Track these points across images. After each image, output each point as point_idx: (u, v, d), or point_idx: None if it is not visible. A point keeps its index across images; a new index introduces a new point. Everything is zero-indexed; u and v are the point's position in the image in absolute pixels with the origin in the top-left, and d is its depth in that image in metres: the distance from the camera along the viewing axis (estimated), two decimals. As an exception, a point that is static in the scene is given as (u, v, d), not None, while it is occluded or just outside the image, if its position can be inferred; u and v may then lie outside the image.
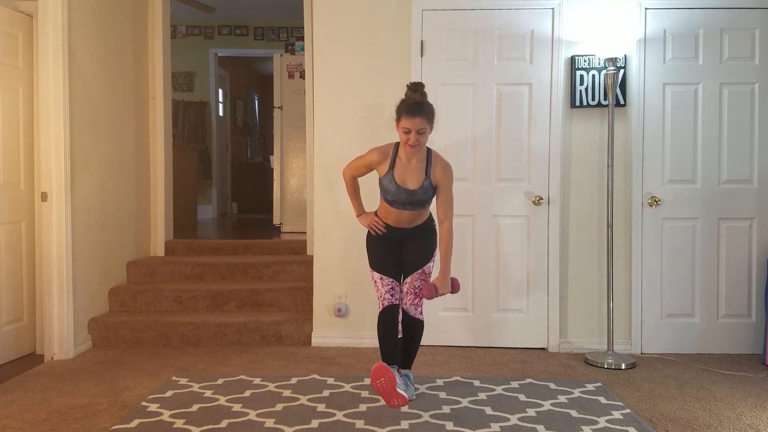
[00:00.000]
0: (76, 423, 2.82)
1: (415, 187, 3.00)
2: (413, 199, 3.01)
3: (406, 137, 2.93)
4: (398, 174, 3.01)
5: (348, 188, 3.24)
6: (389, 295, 3.07)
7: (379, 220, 3.15)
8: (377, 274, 3.12)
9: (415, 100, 2.93)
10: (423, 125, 2.91)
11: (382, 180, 3.04)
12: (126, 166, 4.73)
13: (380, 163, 3.05)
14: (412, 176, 3.01)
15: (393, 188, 3.01)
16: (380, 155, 3.05)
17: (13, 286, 3.86)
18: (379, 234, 3.15)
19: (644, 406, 3.09)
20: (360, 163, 3.14)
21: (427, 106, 2.95)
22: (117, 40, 4.57)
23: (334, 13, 4.12)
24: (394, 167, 3.02)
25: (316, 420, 2.83)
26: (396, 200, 3.02)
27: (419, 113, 2.89)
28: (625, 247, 4.05)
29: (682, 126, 4.03)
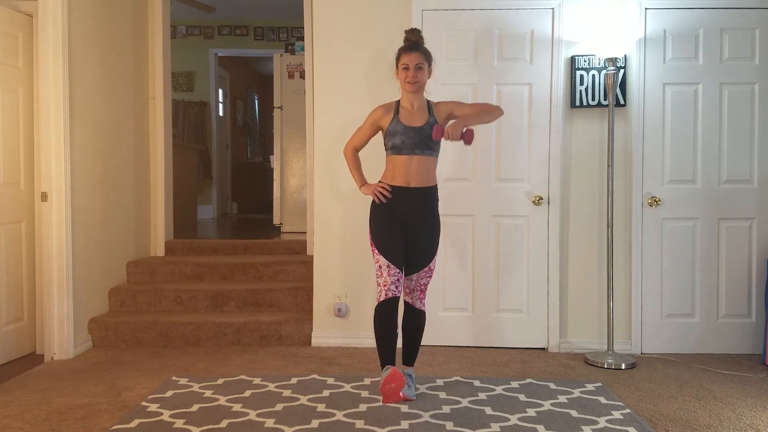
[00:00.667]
0: (76, 423, 2.82)
1: (421, 123, 3.05)
2: (421, 135, 3.03)
3: (405, 74, 3.05)
4: (403, 118, 3.08)
5: (349, 164, 3.24)
6: (394, 287, 3.01)
7: (384, 184, 3.11)
8: (384, 260, 3.02)
9: (411, 38, 3.14)
10: (420, 60, 3.05)
11: (389, 127, 3.07)
12: (126, 166, 4.73)
13: (384, 115, 3.12)
14: (416, 117, 3.08)
15: (400, 128, 3.04)
16: (383, 109, 3.15)
17: (13, 286, 3.86)
18: (384, 200, 3.07)
19: (644, 406, 3.09)
20: (363, 126, 3.20)
21: (424, 47, 3.14)
22: (117, 40, 4.57)
23: (334, 13, 4.12)
24: (398, 114, 3.10)
25: (316, 420, 2.83)
26: (405, 140, 3.03)
27: (417, 49, 3.08)
28: (625, 247, 4.05)
29: (682, 126, 4.03)
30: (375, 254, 3.08)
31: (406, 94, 3.11)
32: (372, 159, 3.47)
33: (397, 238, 3.05)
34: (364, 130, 3.20)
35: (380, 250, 3.05)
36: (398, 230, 3.07)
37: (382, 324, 3.03)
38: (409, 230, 3.08)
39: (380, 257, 3.04)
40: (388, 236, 3.05)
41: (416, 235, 3.09)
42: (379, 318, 3.04)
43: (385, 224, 3.08)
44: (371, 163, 3.44)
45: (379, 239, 3.07)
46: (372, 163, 3.45)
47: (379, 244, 3.06)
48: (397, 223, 3.07)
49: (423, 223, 3.10)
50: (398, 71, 3.11)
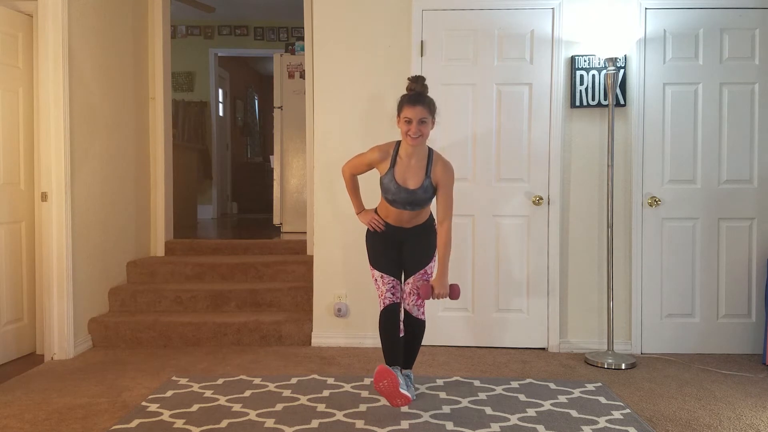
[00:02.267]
0: (76, 423, 2.82)
1: (415, 186, 3.00)
2: (413, 198, 3.01)
3: (407, 128, 2.92)
4: (399, 173, 3.01)
5: (347, 186, 3.23)
6: (390, 294, 3.06)
7: (379, 218, 3.15)
8: (377, 272, 3.11)
9: (415, 90, 2.97)
10: (424, 114, 2.91)
11: (383, 179, 3.04)
12: (126, 166, 4.73)
13: (381, 161, 3.04)
14: (412, 175, 3.00)
15: (393, 187, 3.00)
16: (381, 154, 3.04)
17: (13, 286, 3.86)
18: (379, 231, 3.15)
19: (644, 406, 3.09)
20: (360, 161, 3.14)
21: (428, 98, 2.97)
22: (117, 40, 4.57)
23: (334, 13, 4.12)
24: (394, 166, 3.02)
25: (316, 420, 2.83)
26: (396, 199, 3.02)
27: (420, 102, 2.92)
28: (625, 247, 4.05)
29: (682, 126, 4.03)
30: (371, 270, 3.16)
31: (407, 145, 3.00)
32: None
33: (390, 254, 3.13)
34: (361, 164, 3.14)
35: (373, 264, 3.14)
36: (392, 249, 3.14)
37: (385, 329, 3.07)
38: (403, 247, 3.15)
39: (374, 271, 3.14)
40: (382, 253, 3.13)
41: (411, 248, 3.14)
42: (381, 325, 3.08)
43: (379, 247, 3.15)
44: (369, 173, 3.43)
45: (373, 255, 3.16)
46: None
47: (373, 260, 3.16)
48: (391, 246, 3.15)
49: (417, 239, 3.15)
50: (400, 120, 2.96)
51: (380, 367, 2.83)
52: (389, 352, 3.05)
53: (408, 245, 3.14)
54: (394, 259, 3.13)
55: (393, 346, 3.04)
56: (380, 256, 3.12)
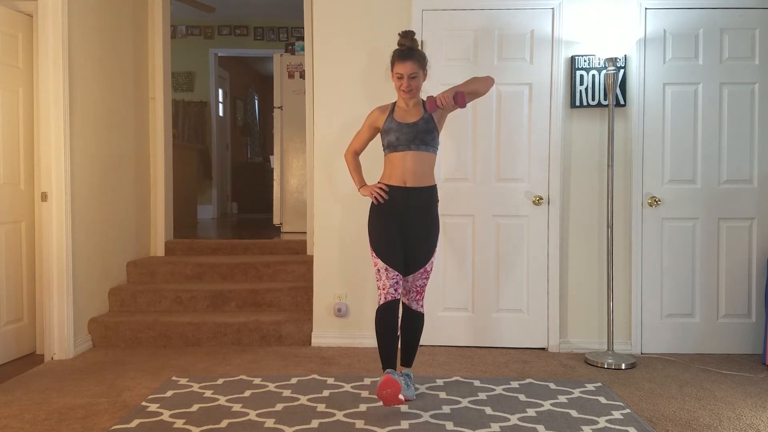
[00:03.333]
0: (76, 423, 2.82)
1: (415, 119, 3.07)
2: (416, 131, 3.04)
3: (399, 83, 3.06)
4: (398, 116, 3.11)
5: (350, 166, 3.28)
6: (393, 290, 2.99)
7: (382, 185, 3.11)
8: (383, 263, 3.02)
9: (405, 45, 3.08)
10: (414, 69, 3.03)
11: (384, 126, 3.11)
12: (126, 166, 4.73)
13: (380, 116, 3.16)
14: (411, 114, 3.10)
15: (394, 125, 3.07)
16: (379, 110, 3.19)
17: (13, 286, 3.86)
18: (382, 201, 3.07)
19: (644, 406, 3.09)
20: (361, 129, 3.24)
21: (418, 52, 3.09)
22: (117, 40, 4.57)
23: (334, 13, 4.12)
24: (393, 113, 3.13)
25: (316, 420, 2.83)
26: (399, 137, 3.05)
27: (410, 57, 3.03)
28: (625, 247, 4.05)
29: (682, 126, 4.03)
30: (373, 257, 3.08)
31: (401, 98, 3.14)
32: (371, 162, 3.47)
33: (394, 242, 3.05)
34: (363, 133, 3.24)
35: (378, 254, 3.05)
36: (396, 234, 3.06)
37: (383, 327, 3.01)
38: (406, 232, 3.08)
39: (378, 261, 3.04)
40: (386, 240, 3.06)
41: (414, 237, 3.08)
42: (379, 321, 3.02)
43: (382, 228, 3.08)
44: (370, 166, 3.45)
45: (377, 243, 3.07)
46: (371, 166, 3.45)
47: (377, 248, 3.07)
48: (395, 226, 3.07)
49: (421, 225, 3.10)
50: (393, 76, 3.10)
51: (386, 377, 2.82)
52: (386, 352, 3.00)
53: (411, 232, 3.07)
54: (398, 247, 3.04)
55: (390, 345, 3.00)
56: (386, 246, 3.03)
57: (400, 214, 3.07)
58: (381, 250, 3.04)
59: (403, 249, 3.07)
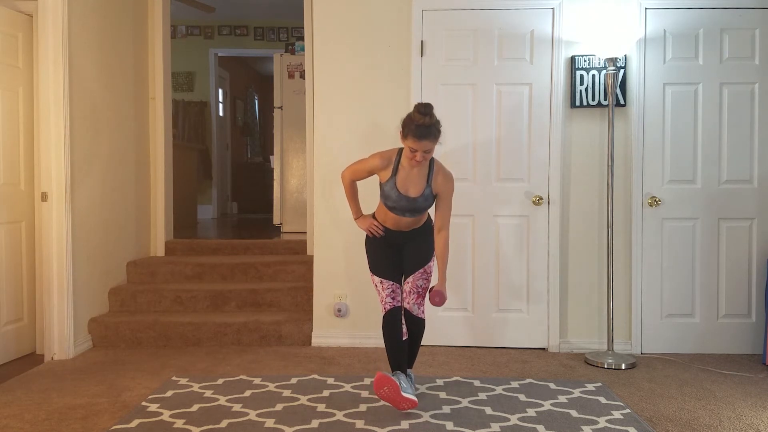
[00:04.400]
0: (76, 423, 2.82)
1: (416, 194, 3.01)
2: (414, 206, 3.03)
3: (412, 155, 2.92)
4: (400, 181, 3.01)
5: (346, 191, 3.23)
6: (390, 299, 3.08)
7: (378, 223, 3.16)
8: (377, 278, 3.13)
9: (423, 123, 2.86)
10: (430, 147, 2.90)
11: (384, 186, 3.05)
12: (126, 166, 4.73)
13: (383, 169, 3.04)
14: (413, 184, 3.01)
15: (394, 195, 3.01)
16: (383, 161, 3.04)
17: (13, 286, 3.86)
18: (378, 237, 3.16)
19: (644, 406, 3.09)
20: (361, 167, 3.13)
21: (435, 127, 2.90)
22: (117, 40, 4.57)
23: (334, 13, 4.12)
24: (396, 174, 3.02)
25: (316, 420, 2.83)
26: (396, 207, 3.04)
27: (427, 137, 2.86)
28: (625, 247, 4.05)
29: (682, 126, 4.03)
30: (371, 275, 3.18)
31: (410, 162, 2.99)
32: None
33: (389, 259, 3.14)
34: (362, 170, 3.12)
35: (374, 270, 3.16)
36: (392, 253, 3.16)
37: (388, 335, 3.08)
38: (402, 251, 3.18)
39: (374, 277, 3.16)
40: (381, 257, 3.15)
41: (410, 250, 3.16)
42: (384, 330, 3.09)
43: (379, 252, 3.17)
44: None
45: (373, 261, 3.18)
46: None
47: (372, 266, 3.17)
48: (391, 249, 3.17)
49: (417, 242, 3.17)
50: (404, 142, 2.92)
51: (378, 375, 2.86)
52: (394, 356, 3.06)
53: (407, 248, 3.16)
54: (393, 263, 3.14)
55: (397, 350, 3.05)
56: (380, 262, 3.14)
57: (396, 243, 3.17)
58: (377, 268, 3.15)
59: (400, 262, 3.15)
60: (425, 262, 3.12)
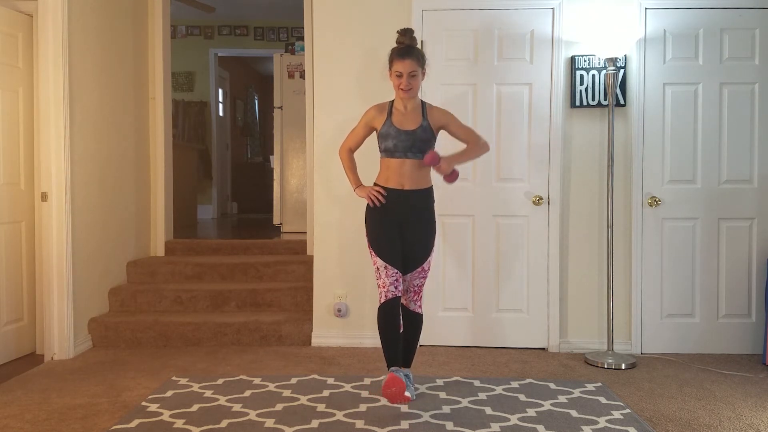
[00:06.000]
0: (76, 423, 2.82)
1: (414, 127, 3.04)
2: (413, 139, 3.02)
3: (398, 81, 3.02)
4: (396, 119, 3.06)
5: (345, 165, 3.22)
6: (393, 288, 3.00)
7: (379, 188, 3.09)
8: (382, 261, 3.02)
9: (404, 43, 3.05)
10: (414, 67, 2.99)
11: (382, 129, 3.07)
12: (126, 166, 4.73)
13: (377, 116, 3.11)
14: (409, 120, 3.06)
15: (393, 131, 3.03)
16: (377, 109, 3.13)
17: (13, 286, 3.86)
18: (379, 204, 3.05)
19: (644, 406, 3.09)
20: (357, 127, 3.18)
21: (418, 50, 3.06)
22: (117, 40, 4.57)
23: (334, 14, 4.12)
24: (391, 116, 3.08)
25: (316, 420, 2.83)
26: (397, 144, 3.02)
27: (409, 55, 2.99)
28: (625, 247, 4.05)
29: (682, 126, 4.03)
30: (372, 256, 3.08)
31: (400, 98, 3.10)
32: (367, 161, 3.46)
33: (393, 240, 3.06)
34: (358, 131, 3.19)
35: (377, 252, 3.05)
36: (394, 231, 3.07)
37: (385, 324, 3.02)
38: (404, 231, 3.09)
39: (377, 259, 3.05)
40: (384, 238, 3.06)
41: (411, 236, 3.09)
42: (381, 319, 3.03)
43: (380, 226, 3.08)
44: (366, 164, 3.44)
45: (376, 241, 3.08)
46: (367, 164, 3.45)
47: (375, 247, 3.07)
48: (393, 224, 3.08)
49: (418, 224, 3.11)
50: (391, 74, 3.06)
51: (391, 375, 2.87)
52: (389, 349, 3.02)
53: (409, 230, 3.07)
54: (396, 244, 3.04)
55: (393, 342, 3.02)
56: (385, 244, 3.03)
57: (397, 214, 3.08)
58: (380, 249, 3.05)
59: (402, 247, 3.07)
60: (424, 260, 3.10)
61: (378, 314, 3.04)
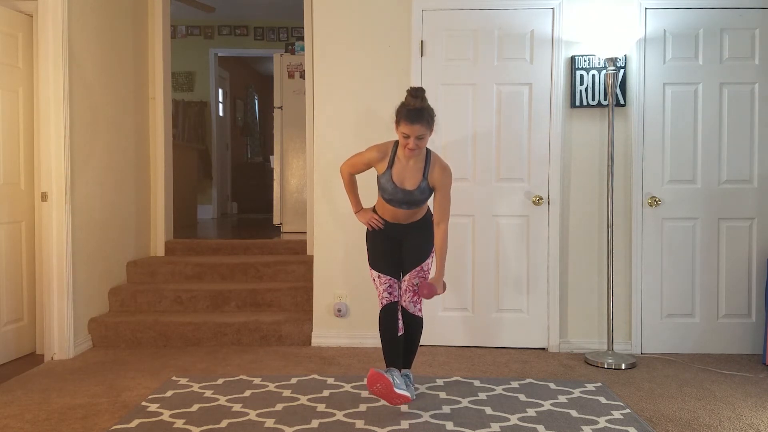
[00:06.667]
0: (76, 423, 2.82)
1: (412, 187, 3.01)
2: (410, 198, 3.03)
3: (405, 142, 2.93)
4: (396, 173, 3.02)
5: (345, 185, 3.24)
6: (387, 294, 3.09)
7: (377, 216, 3.16)
8: (375, 272, 3.14)
9: (415, 106, 2.90)
10: (422, 131, 2.91)
11: (380, 178, 3.06)
12: (126, 166, 4.73)
13: (379, 161, 3.05)
14: (410, 176, 3.02)
15: (390, 187, 3.02)
16: (379, 153, 3.05)
17: (13, 286, 3.86)
18: (377, 230, 3.16)
19: (644, 406, 3.09)
20: (358, 160, 3.14)
21: (427, 111, 2.93)
22: (117, 40, 4.57)
23: (334, 13, 4.12)
24: (392, 166, 3.03)
25: (316, 420, 2.83)
26: (393, 199, 3.05)
27: (419, 120, 2.88)
28: (625, 247, 4.04)
29: (682, 126, 4.03)
30: (369, 268, 3.18)
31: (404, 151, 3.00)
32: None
33: (388, 252, 3.14)
34: (359, 165, 3.14)
35: (372, 264, 3.17)
36: (391, 248, 3.15)
37: (384, 330, 3.09)
38: (402, 244, 3.17)
39: (372, 271, 3.16)
40: (380, 251, 3.15)
41: (409, 244, 3.16)
42: (380, 324, 3.10)
43: (379, 247, 3.17)
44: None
45: (372, 255, 3.18)
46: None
47: (371, 260, 3.18)
48: (391, 242, 3.16)
49: (416, 236, 3.17)
50: (397, 130, 2.95)
51: (371, 372, 2.85)
52: (389, 352, 3.07)
53: (406, 241, 3.15)
54: (393, 258, 3.14)
55: (393, 346, 3.06)
56: (379, 257, 3.14)
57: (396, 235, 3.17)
58: (375, 262, 3.17)
59: (399, 254, 3.15)
60: (422, 260, 3.12)
61: (378, 320, 3.12)
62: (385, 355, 3.09)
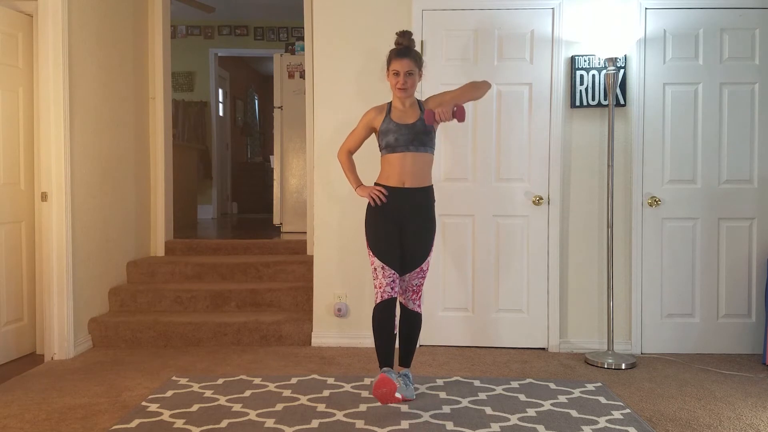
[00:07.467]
0: (76, 423, 2.82)
1: (413, 120, 3.07)
2: (414, 132, 3.04)
3: (395, 80, 3.08)
4: (395, 116, 3.10)
5: (343, 165, 3.25)
6: (389, 288, 3.01)
7: (380, 188, 3.09)
8: (379, 262, 3.03)
9: (402, 43, 3.13)
10: (411, 67, 3.06)
11: (381, 126, 3.09)
12: (126, 166, 4.73)
13: (376, 116, 3.15)
14: (408, 115, 3.10)
15: (393, 126, 3.06)
16: (376, 110, 3.18)
17: (13, 286, 3.86)
18: (380, 203, 3.05)
19: (644, 406, 3.09)
20: (356, 129, 3.21)
21: (415, 51, 3.13)
22: (117, 40, 4.57)
23: (334, 13, 4.12)
24: (390, 114, 3.13)
25: (316, 420, 2.83)
26: (398, 137, 3.04)
27: (407, 55, 3.07)
28: (625, 247, 4.05)
29: (682, 126, 4.03)
30: (370, 256, 3.08)
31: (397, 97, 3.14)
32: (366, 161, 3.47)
33: (391, 241, 3.06)
34: (358, 132, 3.21)
35: (375, 252, 3.06)
36: (393, 232, 3.07)
37: (380, 326, 3.02)
38: (403, 231, 3.08)
39: (375, 259, 3.05)
40: (383, 238, 3.06)
41: (411, 236, 3.08)
42: (376, 320, 3.03)
43: (380, 227, 3.08)
44: (366, 165, 3.44)
45: (374, 242, 3.08)
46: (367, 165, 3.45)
47: (374, 247, 3.07)
48: (393, 225, 3.07)
49: (418, 224, 3.10)
50: (389, 75, 3.12)
51: (382, 376, 2.85)
52: (383, 350, 3.02)
53: (409, 230, 3.07)
54: (395, 245, 3.04)
55: (387, 344, 3.02)
56: (383, 245, 3.04)
57: (397, 214, 3.07)
58: (378, 248, 3.05)
59: (400, 248, 3.07)
60: (423, 260, 3.10)
61: (373, 314, 3.04)
62: (380, 354, 3.03)
